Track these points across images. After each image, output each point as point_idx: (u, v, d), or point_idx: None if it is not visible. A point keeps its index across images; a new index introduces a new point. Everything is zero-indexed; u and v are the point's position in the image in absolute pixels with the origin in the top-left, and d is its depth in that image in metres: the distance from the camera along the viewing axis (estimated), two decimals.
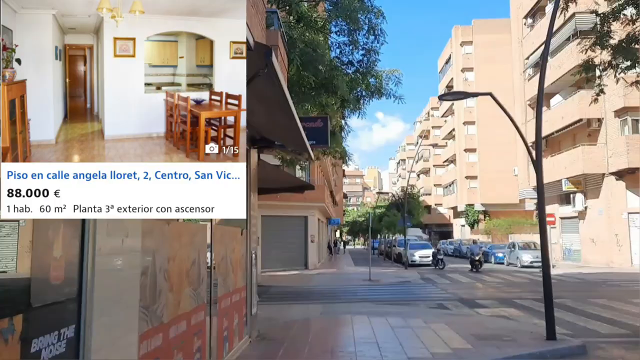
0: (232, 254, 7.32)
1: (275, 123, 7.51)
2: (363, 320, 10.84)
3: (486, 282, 21.16)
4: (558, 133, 32.25)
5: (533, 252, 30.57)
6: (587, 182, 30.50)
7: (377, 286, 20.61)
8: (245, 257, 8.13)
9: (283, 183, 9.77)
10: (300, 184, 9.92)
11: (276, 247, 27.06)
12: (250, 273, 8.41)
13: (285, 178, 9.58)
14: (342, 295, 17.48)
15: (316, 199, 28.29)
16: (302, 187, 9.84)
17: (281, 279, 23.23)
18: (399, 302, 15.31)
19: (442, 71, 66.92)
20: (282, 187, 10.00)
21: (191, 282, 5.21)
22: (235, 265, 7.49)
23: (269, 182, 9.73)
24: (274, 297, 17.64)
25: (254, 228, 8.66)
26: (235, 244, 7.53)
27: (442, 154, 71.09)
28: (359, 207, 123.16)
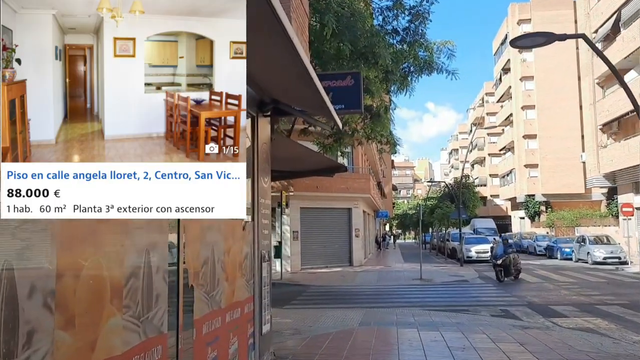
0: (225, 257, 5.27)
1: (287, 80, 5.44)
2: (412, 335, 8.61)
3: (557, 283, 18.39)
4: (633, 113, 28.62)
5: (606, 247, 27.38)
6: None
7: (429, 286, 18.24)
8: (250, 258, 6.07)
9: (308, 163, 7.71)
10: (330, 165, 7.80)
11: (317, 242, 25.08)
12: (259, 280, 6.35)
13: (310, 157, 7.49)
14: (387, 298, 15.26)
15: (361, 189, 26.08)
16: (332, 168, 7.74)
17: (321, 277, 21.20)
18: (455, 307, 12.96)
19: (498, 53, 62.94)
20: (308, 170, 7.94)
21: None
22: (231, 271, 5.43)
23: (290, 162, 7.68)
24: (311, 298, 15.64)
25: (264, 220, 6.58)
26: (231, 242, 5.47)
27: (498, 142, 67.19)
28: (409, 200, 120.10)
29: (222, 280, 5.18)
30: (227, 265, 5.34)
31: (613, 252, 26.36)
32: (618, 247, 27.31)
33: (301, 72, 4.74)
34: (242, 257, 5.79)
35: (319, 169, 7.88)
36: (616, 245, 27.80)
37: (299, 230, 24.17)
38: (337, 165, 7.78)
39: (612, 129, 32.15)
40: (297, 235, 24.09)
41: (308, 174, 8.73)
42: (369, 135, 20.40)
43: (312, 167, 7.95)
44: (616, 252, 26.70)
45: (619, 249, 27.18)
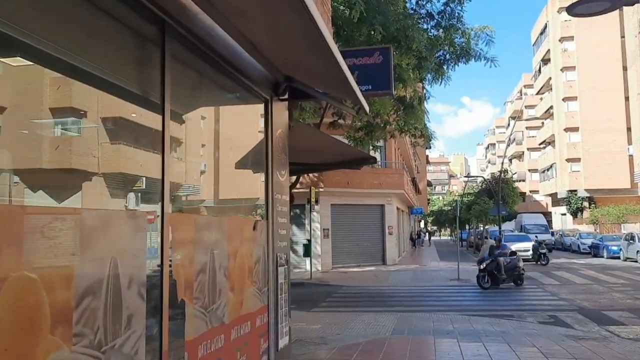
0: (230, 262, 4.48)
1: (301, 51, 4.60)
2: (451, 348, 7.67)
3: (606, 284, 17.04)
4: None
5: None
6: None
7: (467, 288, 17.14)
8: (263, 262, 5.27)
9: (333, 154, 6.85)
10: (357, 157, 6.91)
11: (348, 240, 24.20)
12: (275, 287, 5.54)
13: (335, 147, 6.62)
14: (423, 301, 14.27)
15: (394, 184, 25.05)
16: (360, 160, 6.84)
17: (353, 277, 20.32)
18: (497, 312, 11.89)
19: (537, 43, 60.64)
20: (333, 162, 7.08)
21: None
22: (239, 278, 4.64)
23: (313, 154, 6.85)
24: (341, 300, 14.81)
25: (281, 219, 5.77)
26: (238, 244, 4.68)
27: (537, 136, 64.81)
28: (444, 196, 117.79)
29: (225, 291, 4.38)
30: (233, 271, 4.54)
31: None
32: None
33: (316, 40, 3.87)
34: (252, 261, 4.99)
35: (345, 160, 7.01)
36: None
37: (329, 227, 23.34)
38: (365, 157, 6.89)
39: None
40: (327, 232, 23.27)
41: (333, 166, 7.83)
42: (402, 128, 19.43)
43: (337, 159, 7.08)
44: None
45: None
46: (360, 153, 6.89)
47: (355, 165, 7.28)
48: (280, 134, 5.86)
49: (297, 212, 23.44)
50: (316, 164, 7.23)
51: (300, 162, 7.22)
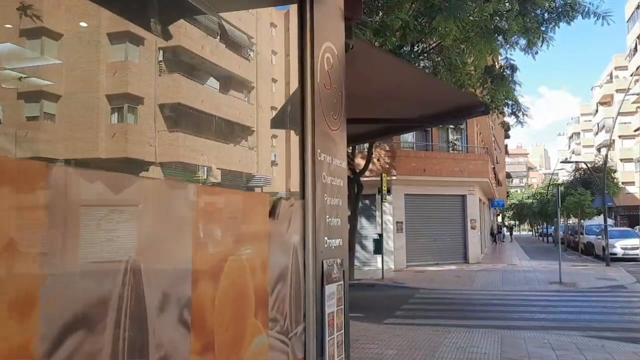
0: (204, 287, 2.04)
1: None
2: None
3: None
4: None
5: None
6: None
7: (575, 295, 13.98)
8: (293, 281, 2.81)
9: (422, 102, 4.30)
10: (459, 104, 4.26)
11: (425, 235, 21.38)
12: (319, 323, 3.05)
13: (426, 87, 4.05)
14: (524, 311, 11.35)
15: (477, 172, 21.94)
16: (462, 110, 4.23)
17: (431, 277, 17.55)
18: (630, 329, 8.89)
19: (632, 19, 54.48)
20: (420, 116, 4.54)
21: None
22: (232, 315, 2.21)
23: (387, 101, 4.37)
24: (420, 307, 12.21)
25: (332, 199, 3.28)
26: (230, 244, 2.24)
27: (632, 122, 58.50)
28: (522, 189, 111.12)
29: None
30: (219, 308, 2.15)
31: None
32: None
33: None
34: (266, 278, 2.55)
35: (438, 112, 4.44)
36: None
37: (403, 220, 20.63)
38: (472, 104, 4.25)
39: None
40: (401, 226, 20.58)
41: (417, 123, 5.16)
42: (489, 104, 16.44)
43: (426, 111, 4.53)
44: None
45: None
46: (463, 97, 4.29)
47: (452, 119, 4.65)
48: (329, 54, 3.35)
49: (366, 204, 20.92)
50: (391, 120, 4.70)
51: (365, 117, 4.71)
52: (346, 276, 3.44)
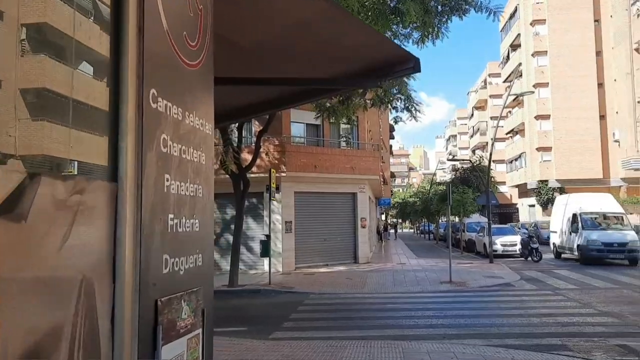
0: None
1: None
2: None
3: (631, 286, 13.86)
4: None
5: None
6: None
7: (466, 295, 13.63)
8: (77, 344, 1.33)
9: (336, 57, 3.10)
10: (392, 57, 3.11)
11: (315, 235, 20.40)
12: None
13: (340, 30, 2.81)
14: (420, 316, 10.58)
15: (368, 169, 21.38)
16: (390, 66, 3.11)
17: (322, 280, 16.55)
18: (536, 337, 8.36)
19: (505, 28, 58.17)
20: (333, 76, 3.33)
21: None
22: None
23: (285, 54, 3.07)
24: (310, 316, 11.01)
25: (185, 185, 1.77)
26: None
27: (504, 125, 62.56)
28: (404, 189, 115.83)
29: None
30: None
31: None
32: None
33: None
34: None
35: (351, 71, 3.20)
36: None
37: (293, 220, 19.47)
38: (401, 57, 3.07)
39: None
40: (290, 226, 19.40)
41: (319, 90, 3.83)
42: (382, 98, 15.77)
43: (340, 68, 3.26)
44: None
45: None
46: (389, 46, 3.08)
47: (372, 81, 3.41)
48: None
49: (253, 202, 19.49)
50: (292, 81, 3.36)
51: (254, 76, 3.33)
52: (210, 317, 2.02)
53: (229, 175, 16.01)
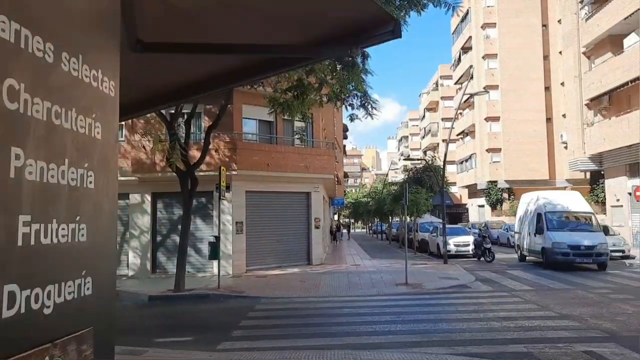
0: None
1: None
2: None
3: (593, 289, 13.84)
4: (633, 83, 24.69)
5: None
6: None
7: (424, 298, 13.23)
8: None
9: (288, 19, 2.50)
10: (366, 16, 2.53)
11: (268, 236, 19.67)
12: None
13: None
14: (377, 322, 10.04)
15: (323, 168, 20.81)
16: (365, 29, 2.53)
17: (274, 283, 15.84)
18: (500, 343, 7.96)
19: (457, 31, 59.00)
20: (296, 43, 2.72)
21: None
22: None
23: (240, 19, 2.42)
24: (262, 324, 10.29)
25: (53, 165, 1.01)
26: None
27: (455, 127, 63.39)
28: (357, 189, 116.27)
29: None
30: None
31: (615, 245, 22.25)
32: (620, 239, 23.37)
33: None
34: None
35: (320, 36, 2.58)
36: (617, 236, 23.86)
37: (244, 220, 18.67)
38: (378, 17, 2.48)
39: (601, 104, 28.29)
40: (241, 227, 18.59)
41: (283, 61, 3.16)
42: (338, 94, 15.21)
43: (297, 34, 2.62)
44: (619, 244, 22.74)
45: (621, 240, 23.25)
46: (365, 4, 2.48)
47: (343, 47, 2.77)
48: None
49: (202, 202, 18.57)
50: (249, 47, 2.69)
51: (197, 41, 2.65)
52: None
53: (176, 172, 15.09)
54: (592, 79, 28.40)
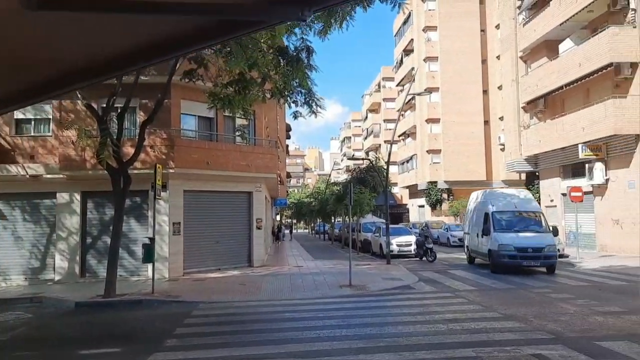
0: None
1: None
2: None
3: (533, 289, 13.98)
4: (568, 87, 25.54)
5: None
6: (609, 148, 24.01)
7: (368, 300, 12.93)
8: None
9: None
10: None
11: (207, 237, 18.90)
12: None
13: None
14: (321, 327, 9.58)
15: (265, 167, 20.20)
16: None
17: (213, 287, 15.14)
18: (448, 347, 7.70)
19: (399, 34, 59.74)
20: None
21: None
22: None
23: None
24: (199, 332, 9.62)
25: None
26: None
27: (398, 128, 64.09)
28: (300, 189, 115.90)
29: None
30: None
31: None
32: (556, 239, 23.98)
33: None
34: None
35: None
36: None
37: (181, 221, 17.81)
38: None
39: (537, 107, 29.16)
40: (179, 228, 17.72)
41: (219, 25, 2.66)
42: (282, 90, 14.74)
43: None
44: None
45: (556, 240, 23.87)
46: None
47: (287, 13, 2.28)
48: None
49: (136, 201, 17.58)
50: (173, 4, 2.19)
51: None
52: None
53: (107, 170, 14.11)
54: (528, 82, 29.22)
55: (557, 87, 26.14)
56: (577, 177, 26.14)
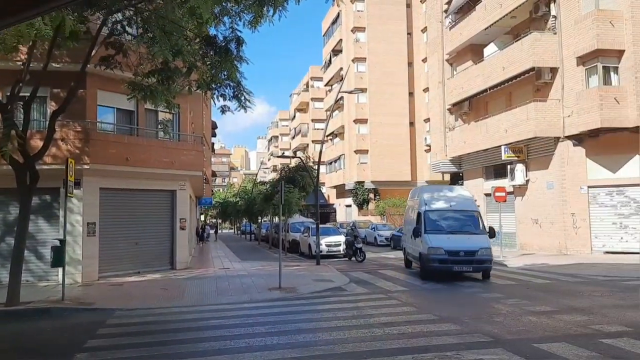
0: None
1: None
2: None
3: (467, 288, 13.98)
4: (492, 90, 26.26)
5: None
6: (529, 150, 24.88)
7: (299, 304, 12.37)
8: None
9: None
10: None
11: (125, 238, 17.64)
12: None
13: None
14: (250, 336, 8.90)
15: (190, 164, 19.16)
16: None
17: (131, 292, 14.03)
18: (383, 357, 7.29)
19: (328, 33, 59.74)
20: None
21: None
22: None
23: None
24: (111, 343, 8.66)
25: None
26: None
27: (327, 128, 64.08)
28: (226, 188, 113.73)
29: None
30: None
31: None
32: None
33: None
34: None
35: None
36: None
37: (97, 221, 16.46)
38: None
39: (462, 109, 29.85)
40: (94, 228, 16.37)
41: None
42: (209, 82, 13.90)
43: None
44: None
45: None
46: None
47: None
48: None
49: (46, 200, 16.07)
50: None
51: None
52: None
53: (11, 165, 12.66)
54: (454, 85, 29.84)
55: (482, 90, 26.80)
56: (499, 177, 26.93)
